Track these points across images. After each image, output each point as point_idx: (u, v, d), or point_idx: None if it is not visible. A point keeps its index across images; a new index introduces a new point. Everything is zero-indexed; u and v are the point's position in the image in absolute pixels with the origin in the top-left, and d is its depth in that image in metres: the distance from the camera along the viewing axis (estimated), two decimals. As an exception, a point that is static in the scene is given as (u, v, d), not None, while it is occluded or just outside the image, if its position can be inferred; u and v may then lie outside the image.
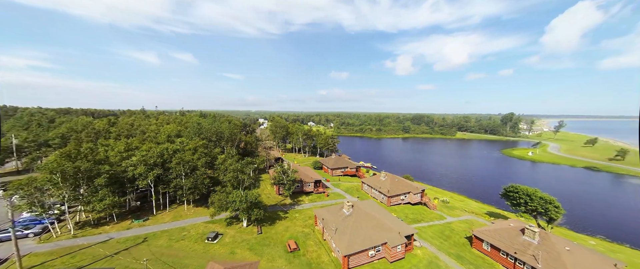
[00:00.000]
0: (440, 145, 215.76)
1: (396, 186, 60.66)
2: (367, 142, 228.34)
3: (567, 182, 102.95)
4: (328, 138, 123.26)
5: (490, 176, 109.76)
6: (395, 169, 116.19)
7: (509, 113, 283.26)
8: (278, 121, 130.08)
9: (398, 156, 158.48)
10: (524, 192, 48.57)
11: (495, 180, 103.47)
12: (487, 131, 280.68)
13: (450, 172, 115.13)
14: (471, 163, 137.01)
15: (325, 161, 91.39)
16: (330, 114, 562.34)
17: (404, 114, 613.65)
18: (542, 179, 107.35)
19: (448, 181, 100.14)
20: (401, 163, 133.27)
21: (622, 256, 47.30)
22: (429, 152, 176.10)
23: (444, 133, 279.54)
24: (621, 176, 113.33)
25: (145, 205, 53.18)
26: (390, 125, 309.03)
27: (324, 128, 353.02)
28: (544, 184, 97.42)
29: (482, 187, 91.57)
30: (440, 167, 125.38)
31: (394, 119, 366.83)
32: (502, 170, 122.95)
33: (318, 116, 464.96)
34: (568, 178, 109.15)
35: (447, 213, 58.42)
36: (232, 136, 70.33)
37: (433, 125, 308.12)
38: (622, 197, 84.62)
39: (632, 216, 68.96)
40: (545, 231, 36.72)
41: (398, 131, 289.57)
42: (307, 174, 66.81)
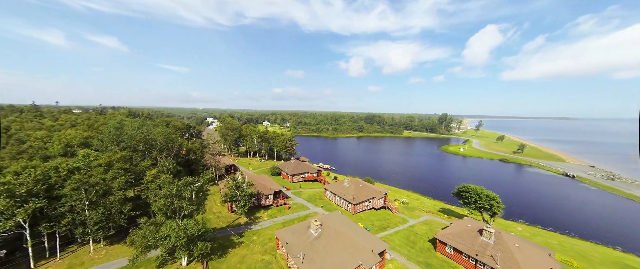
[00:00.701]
0: (390, 143, 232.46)
1: (360, 192, 58.70)
2: (324, 142, 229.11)
3: (491, 173, 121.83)
4: (286, 140, 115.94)
5: (436, 172, 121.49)
6: (354, 170, 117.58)
7: (443, 114, 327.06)
8: (229, 122, 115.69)
9: (355, 155, 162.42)
10: (474, 192, 52.54)
11: (440, 175, 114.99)
12: (428, 129, 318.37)
13: (402, 170, 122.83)
14: (419, 160, 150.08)
15: (284, 167, 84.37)
16: (286, 112, 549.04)
17: (358, 113, 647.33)
18: (474, 171, 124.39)
19: (402, 179, 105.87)
20: (358, 163, 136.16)
21: (540, 238, 55.93)
22: (382, 151, 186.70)
23: (393, 132, 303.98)
24: (522, 165, 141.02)
25: (18, 254, 35.88)
26: (346, 124, 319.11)
27: (280, 128, 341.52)
28: (476, 176, 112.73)
29: (432, 183, 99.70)
30: (394, 165, 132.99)
31: (349, 118, 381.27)
32: (444, 165, 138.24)
33: (273, 115, 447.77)
34: (492, 170, 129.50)
35: (408, 215, 59.50)
36: (169, 143, 56.42)
37: (384, 124, 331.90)
38: (527, 184, 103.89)
39: (536, 199, 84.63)
40: (499, 230, 39.28)
41: (353, 131, 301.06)
42: (265, 185, 58.97)
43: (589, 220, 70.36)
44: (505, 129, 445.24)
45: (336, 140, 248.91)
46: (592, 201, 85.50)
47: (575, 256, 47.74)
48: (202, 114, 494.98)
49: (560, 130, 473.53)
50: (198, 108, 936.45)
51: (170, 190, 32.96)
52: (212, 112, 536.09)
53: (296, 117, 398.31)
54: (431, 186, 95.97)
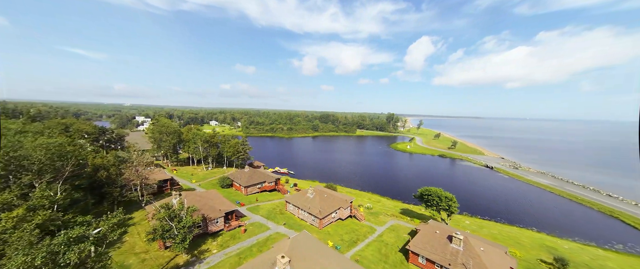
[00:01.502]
0: (346, 142, 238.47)
1: (326, 204, 53.88)
2: (279, 143, 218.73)
3: (435, 168, 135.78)
4: (238, 144, 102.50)
5: (390, 170, 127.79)
6: (313, 173, 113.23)
7: (390, 114, 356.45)
8: (164, 124, 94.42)
9: (313, 157, 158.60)
10: (435, 194, 54.21)
11: (395, 173, 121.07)
12: (378, 128, 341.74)
13: (361, 170, 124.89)
14: (374, 160, 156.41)
15: (237, 176, 72.87)
16: (236, 111, 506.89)
17: (312, 112, 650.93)
18: (421, 167, 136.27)
19: (362, 180, 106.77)
20: (317, 165, 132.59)
21: (486, 231, 62.36)
22: (338, 150, 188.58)
23: (347, 131, 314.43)
24: (455, 160, 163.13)
25: None
26: (301, 124, 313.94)
27: (230, 128, 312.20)
28: (423, 171, 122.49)
29: (388, 182, 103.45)
30: (353, 165, 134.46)
31: (304, 117, 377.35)
32: (396, 163, 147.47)
33: (222, 114, 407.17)
34: (434, 165, 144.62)
35: (374, 222, 57.87)
36: (60, 160, 38.31)
37: (338, 124, 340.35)
38: (462, 176, 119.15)
39: (471, 190, 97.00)
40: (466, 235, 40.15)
41: (308, 130, 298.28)
42: (214, 205, 47.92)
43: (509, 206, 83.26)
44: (437, 126, 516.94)
45: (292, 140, 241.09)
46: (508, 188, 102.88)
47: (513, 244, 54.07)
48: (129, 111, 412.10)
49: (476, 127, 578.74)
50: (123, 104, 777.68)
51: (30, 260, 18.95)
52: (143, 110, 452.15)
53: (248, 116, 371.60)
54: (389, 185, 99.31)
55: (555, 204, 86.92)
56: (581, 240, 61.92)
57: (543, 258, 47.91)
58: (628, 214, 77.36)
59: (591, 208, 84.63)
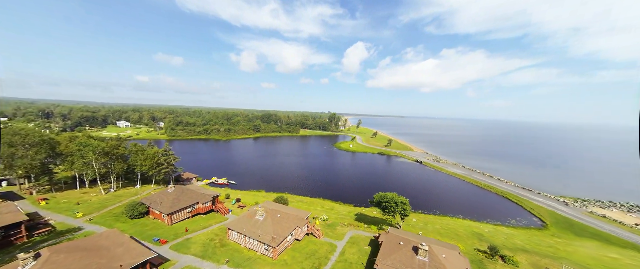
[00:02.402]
0: (290, 143, 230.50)
1: (280, 226, 45.38)
2: (216, 147, 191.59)
3: (376, 165, 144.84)
4: (158, 154, 79.89)
5: (337, 171, 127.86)
6: (259, 182, 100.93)
7: (332, 113, 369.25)
8: (19, 131, 62.32)
9: (256, 162, 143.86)
10: (392, 200, 53.67)
11: (342, 174, 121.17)
12: (321, 127, 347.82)
13: (310, 173, 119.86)
14: (321, 161, 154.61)
15: (156, 200, 54.70)
16: (158, 108, 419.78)
17: (253, 111, 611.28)
18: (364, 165, 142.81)
19: (312, 185, 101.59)
20: (262, 171, 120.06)
21: (431, 227, 67.14)
22: (284, 152, 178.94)
23: (291, 131, 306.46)
24: (391, 156, 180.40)
25: None
26: (241, 124, 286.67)
27: (148, 130, 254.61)
28: (367, 170, 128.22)
29: (338, 185, 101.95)
30: (301, 169, 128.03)
31: (244, 117, 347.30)
32: (341, 163, 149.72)
33: (137, 112, 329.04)
34: (375, 163, 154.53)
35: (333, 236, 53.03)
36: None
37: (281, 123, 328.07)
38: (400, 172, 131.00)
39: (410, 185, 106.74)
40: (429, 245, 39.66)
41: (249, 131, 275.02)
42: (110, 260, 32.02)
43: (440, 197, 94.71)
44: (372, 125, 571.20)
45: (230, 143, 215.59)
46: (436, 180, 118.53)
47: (454, 237, 59.46)
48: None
49: (402, 125, 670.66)
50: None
51: None
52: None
53: (174, 115, 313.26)
54: (339, 189, 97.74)
55: (469, 192, 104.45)
56: (492, 221, 74.77)
57: (478, 246, 53.83)
58: (512, 194, 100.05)
59: (490, 191, 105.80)
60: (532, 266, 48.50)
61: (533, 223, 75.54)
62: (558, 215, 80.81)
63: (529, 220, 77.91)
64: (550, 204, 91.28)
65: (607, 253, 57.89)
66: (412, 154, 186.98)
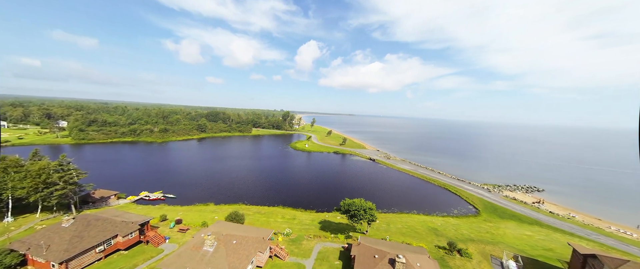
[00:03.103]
0: (241, 144, 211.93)
1: (237, 255, 37.07)
2: (147, 151, 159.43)
3: (334, 165, 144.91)
4: (48, 171, 57.76)
5: (295, 173, 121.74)
6: (204, 193, 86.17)
7: (286, 112, 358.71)
8: None
9: (201, 167, 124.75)
10: (360, 207, 51.39)
11: (300, 176, 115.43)
12: (274, 126, 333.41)
13: (265, 177, 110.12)
14: (277, 163, 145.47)
15: (39, 243, 37.85)
16: (57, 103, 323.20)
17: (197, 108, 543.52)
18: (322, 166, 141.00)
19: (269, 191, 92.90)
20: (209, 179, 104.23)
21: (394, 227, 68.71)
22: (235, 155, 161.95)
23: (241, 130, 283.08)
24: (346, 155, 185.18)
25: None
26: (181, 123, 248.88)
27: (40, 131, 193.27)
28: (325, 171, 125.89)
29: (298, 190, 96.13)
30: (254, 173, 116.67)
31: (185, 115, 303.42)
32: (298, 164, 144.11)
33: (20, 107, 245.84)
34: (332, 162, 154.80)
35: (299, 253, 47.39)
36: None
37: (230, 122, 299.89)
38: (357, 171, 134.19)
39: (368, 184, 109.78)
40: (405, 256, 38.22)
41: (192, 131, 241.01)
42: None
43: (394, 194, 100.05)
44: (326, 123, 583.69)
45: (167, 146, 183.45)
46: (390, 177, 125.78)
47: (415, 235, 61.75)
48: None
49: (353, 123, 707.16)
50: None
51: None
52: None
53: (85, 112, 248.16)
54: (298, 193, 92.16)
55: (418, 186, 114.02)
56: (440, 213, 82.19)
57: (437, 243, 56.91)
58: (451, 185, 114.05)
59: (434, 184, 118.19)
60: (480, 254, 53.69)
61: (470, 211, 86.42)
62: (485, 201, 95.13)
63: (466, 208, 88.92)
64: (478, 191, 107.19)
65: (523, 232, 69.88)
66: (366, 152, 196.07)
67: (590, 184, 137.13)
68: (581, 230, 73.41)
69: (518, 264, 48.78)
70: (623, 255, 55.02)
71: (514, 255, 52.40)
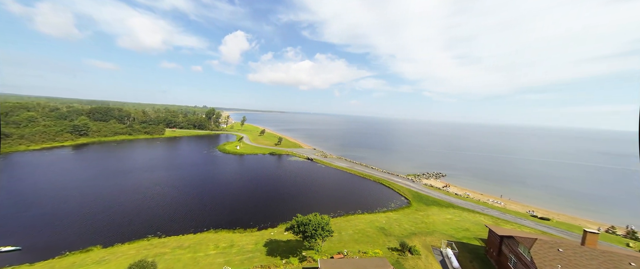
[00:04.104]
0: (148, 151, 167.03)
1: None
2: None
3: (270, 168, 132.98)
4: None
5: (228, 183, 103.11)
6: (81, 232, 58.39)
7: (210, 108, 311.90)
8: None
9: (73, 191, 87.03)
10: (317, 225, 44.40)
11: (235, 186, 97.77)
12: (196, 126, 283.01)
13: (186, 193, 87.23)
14: (202, 171, 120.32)
15: None
16: None
17: (73, 101, 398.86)
18: (258, 170, 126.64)
19: (194, 212, 73.10)
20: (89, 209, 73.00)
21: (346, 235, 65.63)
22: (137, 167, 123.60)
23: (150, 132, 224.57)
24: (283, 155, 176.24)
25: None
26: (39, 124, 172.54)
27: None
28: (262, 176, 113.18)
29: (232, 204, 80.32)
30: (171, 189, 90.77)
31: (48, 111, 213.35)
32: (229, 171, 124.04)
33: None
34: (268, 165, 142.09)
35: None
36: None
37: (130, 121, 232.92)
38: (298, 173, 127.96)
39: (310, 186, 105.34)
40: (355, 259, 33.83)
41: (62, 134, 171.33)
42: None
43: (335, 195, 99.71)
44: (257, 121, 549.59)
45: (8, 161, 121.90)
46: (329, 177, 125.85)
47: (367, 240, 60.47)
48: None
49: (286, 121, 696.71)
50: None
51: None
52: None
53: None
54: (234, 209, 76.90)
55: (357, 184, 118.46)
56: (381, 209, 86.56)
57: (389, 244, 57.26)
58: (384, 179, 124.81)
59: (370, 179, 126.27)
60: (424, 247, 57.38)
61: (403, 202, 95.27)
62: (413, 191, 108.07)
63: (400, 200, 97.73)
64: (405, 183, 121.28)
65: (445, 216, 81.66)
66: (303, 151, 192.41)
67: (469, 166, 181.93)
68: (477, 206, 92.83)
69: (454, 251, 54.37)
70: (531, 231, 71.53)
71: (448, 242, 58.66)
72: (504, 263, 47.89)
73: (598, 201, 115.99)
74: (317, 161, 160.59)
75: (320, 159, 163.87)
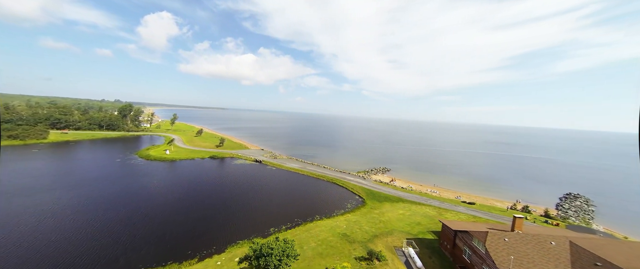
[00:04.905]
0: (16, 163, 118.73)
1: None
2: None
3: (212, 175, 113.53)
4: None
5: (151, 201, 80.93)
6: None
7: (126, 104, 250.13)
8: None
9: None
10: (284, 253, 35.74)
11: (161, 203, 77.66)
12: (104, 125, 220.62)
13: (84, 230, 62.75)
14: (110, 191, 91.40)
15: None
16: None
17: None
18: (196, 180, 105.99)
19: (94, 255, 52.22)
20: None
21: (308, 250, 58.64)
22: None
23: (22, 137, 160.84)
24: (226, 158, 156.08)
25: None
26: None
27: None
28: (202, 185, 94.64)
29: (157, 228, 61.94)
30: (51, 224, 63.70)
31: None
32: (155, 183, 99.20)
33: None
34: (210, 171, 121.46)
35: None
36: None
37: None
38: (246, 179, 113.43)
39: (262, 194, 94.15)
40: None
41: None
42: None
43: (286, 201, 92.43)
44: (192, 119, 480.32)
45: None
46: (282, 181, 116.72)
47: (332, 251, 55.37)
48: None
49: (227, 119, 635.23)
50: None
51: None
52: None
53: None
54: (162, 235, 59.36)
55: (312, 185, 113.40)
56: (339, 212, 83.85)
57: (355, 253, 53.70)
58: (337, 178, 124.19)
59: (323, 179, 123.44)
60: (387, 249, 56.49)
61: (359, 202, 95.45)
62: (366, 189, 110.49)
63: (355, 200, 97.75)
64: (357, 180, 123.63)
65: (397, 211, 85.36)
66: (249, 152, 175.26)
67: (406, 159, 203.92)
68: (421, 198, 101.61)
69: (415, 250, 55.20)
70: (468, 218, 79.56)
71: (408, 241, 59.71)
72: (458, 255, 50.73)
73: (499, 182, 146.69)
74: (267, 162, 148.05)
75: (269, 161, 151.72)
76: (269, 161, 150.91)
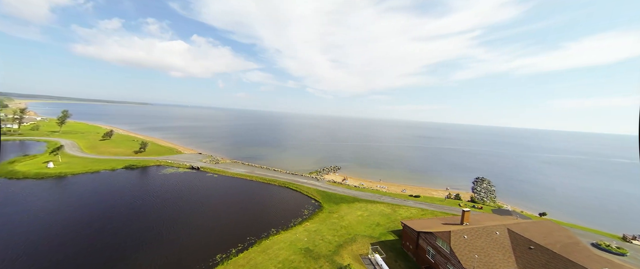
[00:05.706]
0: None
1: None
2: None
3: (123, 194, 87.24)
4: None
5: (32, 248, 53.85)
6: None
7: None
8: None
9: None
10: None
11: (55, 247, 52.40)
12: None
13: None
14: None
15: None
16: None
17: None
18: (95, 202, 78.66)
19: None
20: None
21: None
22: None
23: None
24: (151, 167, 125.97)
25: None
26: None
27: None
28: (114, 207, 70.68)
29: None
30: None
31: None
32: (30, 216, 68.16)
33: None
34: (122, 187, 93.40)
35: None
36: None
37: None
38: (177, 193, 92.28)
39: (197, 210, 77.56)
40: None
41: None
42: None
43: (243, 212, 79.68)
44: (96, 116, 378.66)
45: None
46: (229, 191, 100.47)
47: (283, 265, 47.72)
48: None
49: (150, 116, 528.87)
50: None
51: None
52: None
53: None
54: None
55: (263, 193, 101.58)
56: (295, 221, 76.44)
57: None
58: (290, 182, 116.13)
59: (274, 184, 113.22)
60: (355, 260, 52.92)
61: (315, 206, 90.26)
62: (320, 191, 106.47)
63: (311, 204, 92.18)
64: (310, 182, 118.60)
65: (355, 212, 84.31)
66: (183, 158, 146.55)
67: (352, 155, 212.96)
68: (374, 195, 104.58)
69: (382, 255, 53.46)
70: (419, 213, 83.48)
71: (373, 247, 57.82)
72: (421, 256, 51.37)
73: (431, 172, 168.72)
74: (206, 169, 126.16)
75: (210, 167, 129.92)
76: (210, 167, 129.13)
